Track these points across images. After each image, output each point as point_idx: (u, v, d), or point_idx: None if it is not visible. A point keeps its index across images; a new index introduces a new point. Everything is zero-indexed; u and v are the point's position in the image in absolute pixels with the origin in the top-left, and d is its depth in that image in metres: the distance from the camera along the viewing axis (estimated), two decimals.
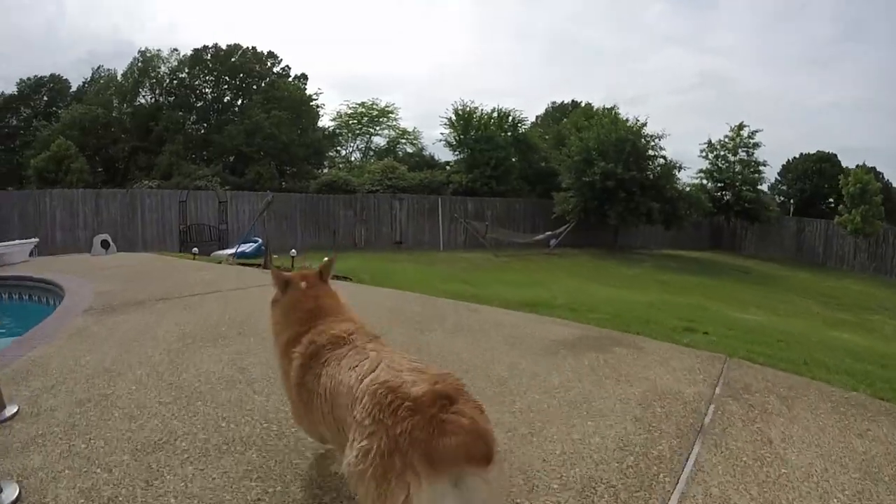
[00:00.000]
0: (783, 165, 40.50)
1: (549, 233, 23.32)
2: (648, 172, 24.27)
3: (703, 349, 4.73)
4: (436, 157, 37.84)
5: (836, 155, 41.33)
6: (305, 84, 38.73)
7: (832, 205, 40.26)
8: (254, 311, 5.53)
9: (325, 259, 2.65)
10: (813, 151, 41.98)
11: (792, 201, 40.17)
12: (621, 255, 23.17)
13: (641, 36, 79.66)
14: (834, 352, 5.75)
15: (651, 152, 24.61)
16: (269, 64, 37.94)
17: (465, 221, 23.60)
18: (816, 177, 40.75)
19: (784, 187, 40.33)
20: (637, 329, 5.42)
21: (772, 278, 20.72)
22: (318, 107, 38.33)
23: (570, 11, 78.46)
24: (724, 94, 73.33)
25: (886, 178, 37.15)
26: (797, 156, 42.19)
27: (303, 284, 2.43)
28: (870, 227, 24.42)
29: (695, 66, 78.13)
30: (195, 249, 13.42)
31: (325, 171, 34.72)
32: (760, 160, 29.71)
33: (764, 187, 31.46)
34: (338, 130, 40.75)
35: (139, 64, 35.10)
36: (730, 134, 29.83)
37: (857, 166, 25.54)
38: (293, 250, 12.00)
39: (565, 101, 45.04)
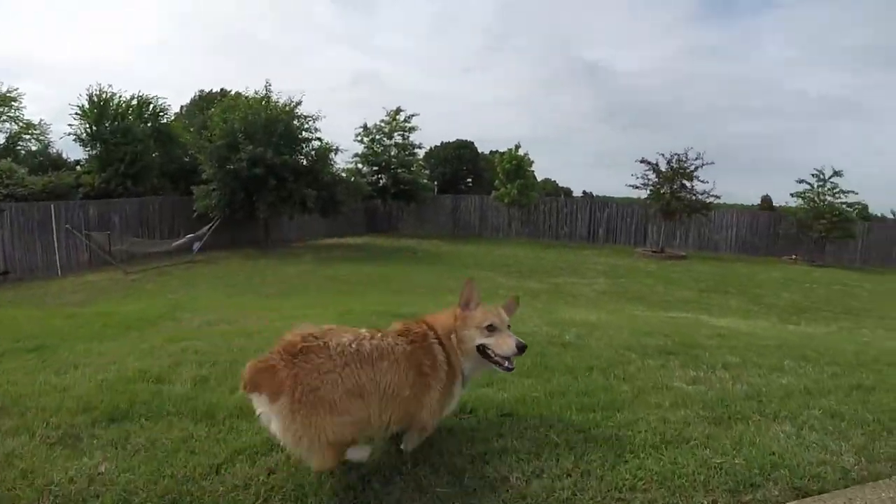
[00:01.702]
0: (426, 152, 41.91)
1: (190, 235, 18.29)
2: (302, 157, 20.92)
3: None
4: (65, 156, 28.85)
5: (473, 143, 44.83)
6: None
7: (470, 184, 43.68)
8: None
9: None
10: (453, 140, 44.86)
11: (436, 183, 42.03)
12: (277, 252, 19.55)
13: (305, 35, 77.23)
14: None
15: (306, 134, 21.18)
16: None
17: (81, 233, 17.18)
18: (456, 161, 43.56)
19: (427, 171, 41.80)
20: None
21: (442, 256, 19.58)
22: None
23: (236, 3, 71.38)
24: (379, 92, 75.89)
25: None
26: (438, 144, 44.50)
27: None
28: (525, 199, 25.66)
29: (354, 65, 79.14)
30: None
31: None
32: (416, 143, 28.97)
33: (419, 166, 30.97)
34: None
35: None
36: (386, 118, 28.22)
37: (515, 147, 26.56)
38: None
39: (214, 90, 39.26)
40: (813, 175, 22.58)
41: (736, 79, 77.00)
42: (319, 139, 21.64)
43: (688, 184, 21.73)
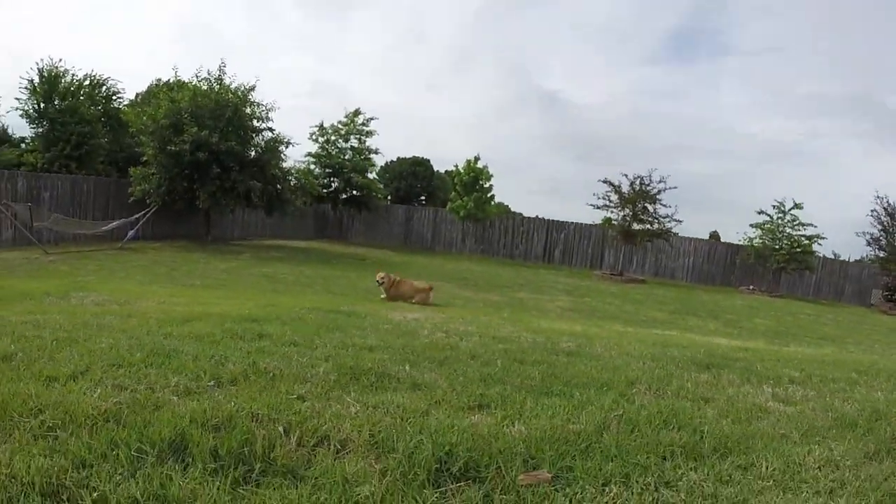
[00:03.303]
0: (382, 167, 40.54)
1: (123, 219, 16.39)
2: (252, 146, 19.10)
3: None
4: (10, 132, 25.18)
5: (429, 160, 43.55)
6: None
7: (423, 202, 42.40)
8: None
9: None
10: (409, 156, 43.55)
11: (389, 198, 40.60)
12: (214, 248, 17.52)
13: (271, 36, 74.68)
14: None
15: (257, 123, 19.32)
16: None
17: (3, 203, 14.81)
18: (411, 177, 42.31)
19: (382, 185, 40.48)
20: None
21: (393, 265, 17.91)
22: None
23: None
24: (341, 102, 74.03)
25: None
26: (395, 159, 43.14)
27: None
28: (482, 213, 24.36)
29: (316, 73, 77.09)
30: None
31: None
32: (373, 148, 27.01)
33: (374, 176, 29.40)
34: None
35: None
36: (344, 120, 26.32)
37: (475, 158, 25.10)
38: None
39: (171, 80, 36.69)
40: (774, 207, 22.49)
41: (689, 119, 79.15)
42: (271, 129, 19.88)
43: (650, 207, 21.06)
